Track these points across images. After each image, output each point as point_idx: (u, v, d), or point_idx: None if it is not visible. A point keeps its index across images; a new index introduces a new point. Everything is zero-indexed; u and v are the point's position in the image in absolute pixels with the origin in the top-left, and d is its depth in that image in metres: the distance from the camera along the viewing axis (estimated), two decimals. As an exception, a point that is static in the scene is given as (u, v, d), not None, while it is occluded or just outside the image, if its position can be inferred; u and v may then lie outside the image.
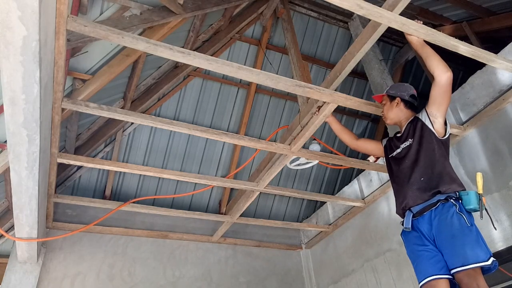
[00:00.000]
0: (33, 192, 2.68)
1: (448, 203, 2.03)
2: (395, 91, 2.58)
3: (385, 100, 2.61)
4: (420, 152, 2.25)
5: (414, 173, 2.22)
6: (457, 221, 1.94)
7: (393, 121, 2.54)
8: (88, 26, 2.11)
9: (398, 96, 2.56)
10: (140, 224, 4.63)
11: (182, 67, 4.47)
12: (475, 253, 1.82)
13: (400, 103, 2.53)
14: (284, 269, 5.18)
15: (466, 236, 1.89)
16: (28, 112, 2.03)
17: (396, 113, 2.52)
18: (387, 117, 2.57)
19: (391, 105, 2.55)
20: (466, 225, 1.92)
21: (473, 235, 1.90)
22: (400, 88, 2.59)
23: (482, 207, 2.00)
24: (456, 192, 2.10)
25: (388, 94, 2.59)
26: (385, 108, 2.59)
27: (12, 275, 3.75)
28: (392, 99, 2.56)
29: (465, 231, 1.90)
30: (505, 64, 2.64)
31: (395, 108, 2.53)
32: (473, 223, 1.97)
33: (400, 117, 2.51)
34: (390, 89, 2.60)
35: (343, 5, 2.08)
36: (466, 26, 4.84)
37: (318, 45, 5.34)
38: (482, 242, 1.90)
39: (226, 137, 3.06)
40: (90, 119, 4.16)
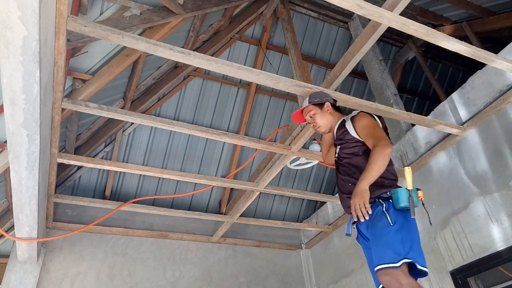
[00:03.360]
0: (33, 192, 2.68)
1: (375, 203, 2.00)
2: (320, 98, 2.48)
3: (311, 111, 2.45)
4: (350, 158, 2.22)
5: (346, 179, 2.20)
6: (379, 221, 1.93)
7: (328, 127, 2.45)
8: (88, 26, 2.11)
9: (325, 101, 2.47)
10: (140, 224, 4.63)
11: (182, 67, 4.48)
12: (386, 253, 1.81)
13: (330, 107, 2.45)
14: (284, 269, 5.18)
15: (384, 236, 1.87)
16: (28, 112, 2.03)
17: (329, 118, 2.43)
18: (321, 125, 2.44)
19: (322, 112, 2.43)
20: (387, 224, 1.89)
21: (390, 236, 1.86)
22: (321, 95, 2.51)
23: (413, 204, 1.92)
24: (387, 192, 2.04)
25: (314, 103, 2.46)
26: (316, 118, 2.43)
27: (12, 275, 3.75)
28: (321, 106, 2.45)
29: (384, 231, 1.89)
30: (505, 64, 2.64)
31: (327, 114, 2.43)
32: (398, 222, 1.90)
33: (332, 122, 2.44)
34: (312, 98, 2.48)
35: (343, 5, 2.08)
36: (466, 26, 4.85)
37: (318, 45, 5.34)
38: (400, 243, 1.83)
39: (226, 137, 3.06)
40: (90, 119, 4.16)
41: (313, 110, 2.45)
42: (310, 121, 2.48)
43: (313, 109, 2.45)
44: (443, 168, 3.46)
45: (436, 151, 3.49)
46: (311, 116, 2.46)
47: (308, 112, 2.47)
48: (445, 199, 3.37)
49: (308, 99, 2.48)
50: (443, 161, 3.48)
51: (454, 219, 3.23)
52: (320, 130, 2.45)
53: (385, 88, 4.39)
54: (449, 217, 3.28)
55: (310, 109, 2.46)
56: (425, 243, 3.46)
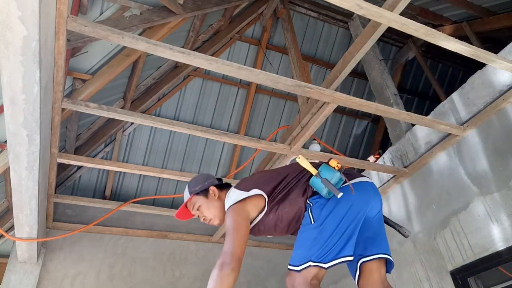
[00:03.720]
0: (33, 192, 2.68)
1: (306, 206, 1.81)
2: (201, 184, 2.01)
3: (196, 203, 1.99)
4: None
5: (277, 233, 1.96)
6: (304, 220, 1.77)
7: (221, 216, 1.97)
8: (88, 26, 2.11)
9: (208, 186, 2.01)
10: (140, 224, 4.63)
11: (182, 67, 4.48)
12: (294, 254, 1.72)
13: (216, 190, 2.00)
14: (284, 269, 5.13)
15: (299, 237, 1.75)
16: (28, 112, 2.03)
17: (217, 206, 1.97)
18: (212, 217, 1.98)
19: (208, 201, 1.97)
20: (307, 223, 1.73)
21: (301, 236, 1.73)
22: (201, 179, 2.05)
23: (330, 184, 1.69)
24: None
25: (196, 193, 1.99)
26: (203, 209, 1.97)
27: (12, 275, 3.75)
28: (205, 193, 1.99)
29: (301, 229, 1.76)
30: (505, 64, 2.64)
31: (215, 201, 1.97)
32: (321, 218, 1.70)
33: (224, 206, 1.93)
34: (192, 187, 2.01)
35: (343, 5, 2.08)
36: (466, 26, 4.85)
37: (318, 45, 5.34)
38: (307, 246, 1.67)
39: (226, 137, 3.06)
40: (90, 119, 4.16)
41: (198, 201, 1.98)
42: (199, 215, 2.00)
43: (197, 200, 1.98)
44: (443, 168, 3.46)
45: (436, 151, 3.49)
46: (198, 209, 1.98)
47: (193, 205, 1.99)
48: (445, 199, 3.37)
49: (188, 189, 2.00)
50: (443, 161, 3.48)
51: (454, 219, 3.23)
52: (214, 222, 1.99)
53: (385, 88, 4.39)
54: (449, 217, 3.28)
55: (194, 201, 1.99)
56: (425, 243, 3.47)
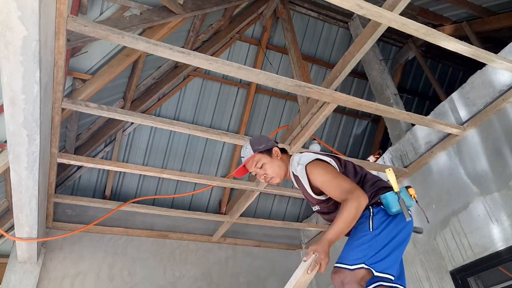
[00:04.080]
0: (33, 192, 2.68)
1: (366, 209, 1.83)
2: (265, 144, 2.09)
3: (259, 161, 2.06)
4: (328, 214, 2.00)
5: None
6: (361, 224, 1.80)
7: (282, 176, 2.08)
8: (88, 26, 2.11)
9: (271, 147, 2.10)
10: (140, 224, 4.63)
11: (182, 67, 4.47)
12: (347, 254, 1.75)
13: (279, 151, 2.10)
14: (284, 269, 5.17)
15: (357, 240, 1.77)
16: (28, 112, 2.03)
17: (281, 166, 2.07)
18: (274, 175, 2.06)
19: (272, 160, 2.06)
20: (366, 229, 1.77)
21: (357, 239, 1.76)
22: (264, 139, 2.14)
23: (405, 206, 1.77)
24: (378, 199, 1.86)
25: (260, 151, 2.06)
26: (267, 168, 2.05)
27: (12, 275, 3.75)
28: (269, 152, 2.08)
29: (359, 235, 1.78)
30: (505, 64, 2.64)
31: (278, 161, 2.07)
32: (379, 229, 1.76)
33: (285, 168, 2.08)
34: (256, 145, 2.08)
35: (343, 5, 2.08)
36: (466, 26, 4.85)
37: (318, 45, 5.34)
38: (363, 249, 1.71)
39: (226, 137, 3.06)
40: (90, 119, 4.16)
41: (262, 159, 2.05)
42: (258, 173, 2.07)
43: (261, 158, 2.06)
44: (443, 168, 3.46)
45: (436, 151, 3.49)
46: (260, 167, 2.06)
47: (256, 163, 2.06)
48: (445, 199, 3.37)
49: (251, 147, 2.07)
50: (443, 161, 3.48)
51: (454, 219, 3.23)
52: (274, 181, 2.07)
53: (385, 88, 4.39)
54: (449, 217, 3.28)
55: (257, 159, 2.06)
56: (425, 243, 3.47)
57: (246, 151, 2.09)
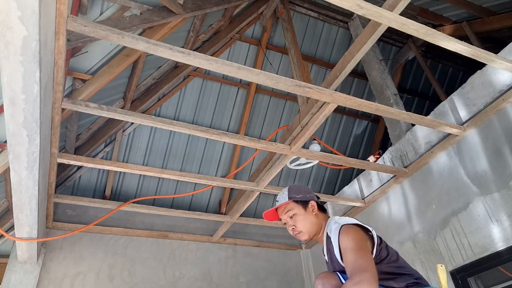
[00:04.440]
0: (33, 192, 2.68)
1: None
2: (303, 194, 1.93)
3: (291, 209, 1.90)
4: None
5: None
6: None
7: (311, 234, 1.89)
8: (88, 26, 2.11)
9: (310, 199, 1.93)
10: (140, 224, 4.63)
11: (182, 67, 4.48)
12: None
13: (316, 207, 1.92)
14: (284, 269, 5.18)
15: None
16: (28, 112, 2.03)
17: (314, 222, 1.88)
18: (304, 230, 1.87)
19: (306, 214, 1.88)
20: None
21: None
22: (304, 189, 1.98)
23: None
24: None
25: (295, 200, 1.90)
26: (298, 220, 1.88)
27: (12, 275, 3.75)
28: (304, 204, 1.91)
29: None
30: (505, 64, 2.64)
31: (312, 216, 1.89)
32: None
33: (317, 227, 1.89)
34: (293, 193, 1.93)
35: (343, 5, 2.08)
36: (466, 26, 4.85)
37: (318, 45, 5.34)
38: None
39: (226, 137, 3.06)
40: (90, 119, 4.16)
41: (295, 209, 1.90)
42: (288, 223, 1.91)
43: (294, 207, 1.90)
44: (443, 168, 3.46)
45: (436, 151, 3.49)
46: (291, 217, 1.90)
47: (288, 211, 1.91)
48: (445, 199, 3.37)
49: (288, 194, 1.93)
50: (443, 161, 3.48)
51: (454, 219, 3.23)
52: (302, 237, 1.89)
53: (385, 88, 4.39)
54: (449, 217, 3.28)
55: (290, 207, 1.91)
56: (425, 243, 3.47)
57: (281, 196, 1.96)
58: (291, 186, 1.99)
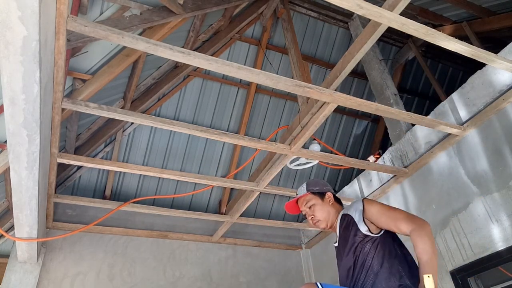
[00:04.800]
0: (33, 192, 2.68)
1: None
2: (320, 187, 2.16)
3: (310, 201, 2.12)
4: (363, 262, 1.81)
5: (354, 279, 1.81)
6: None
7: (329, 222, 2.08)
8: (88, 26, 2.11)
9: (326, 191, 2.15)
10: (140, 224, 4.63)
11: (182, 67, 4.48)
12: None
13: (332, 198, 2.14)
14: (284, 269, 5.18)
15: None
16: (28, 112, 2.03)
17: (330, 212, 2.09)
18: (322, 219, 2.08)
19: (323, 204, 2.10)
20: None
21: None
22: (321, 182, 2.20)
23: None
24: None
25: (314, 192, 2.14)
26: (316, 210, 2.09)
27: (12, 275, 3.75)
28: (321, 195, 2.13)
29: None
30: (505, 64, 2.64)
31: (329, 206, 2.10)
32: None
33: (333, 216, 2.09)
34: (311, 186, 2.16)
35: (343, 5, 2.08)
36: (466, 26, 4.85)
37: (318, 45, 5.34)
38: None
39: (226, 137, 3.06)
40: (90, 119, 4.16)
41: (313, 200, 2.12)
42: (307, 213, 2.13)
43: (312, 198, 2.13)
44: (443, 168, 3.46)
45: (436, 151, 3.49)
46: (309, 207, 2.12)
47: (306, 202, 2.13)
48: (445, 199, 3.37)
49: (306, 187, 2.17)
50: (443, 161, 3.48)
51: (454, 219, 3.23)
52: (320, 225, 2.09)
53: (385, 88, 4.39)
54: (449, 217, 3.28)
55: (308, 198, 2.13)
56: (425, 243, 3.47)
57: (301, 189, 2.19)
58: (309, 181, 2.22)
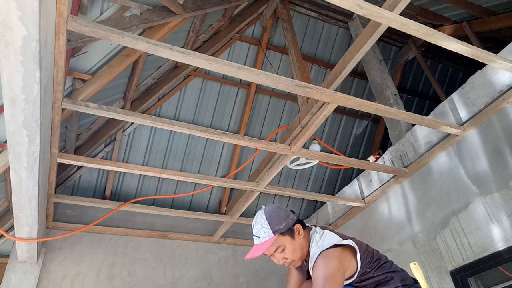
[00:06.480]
0: (33, 192, 2.68)
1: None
2: (286, 221, 1.72)
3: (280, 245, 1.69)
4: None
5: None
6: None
7: (304, 257, 1.74)
8: (88, 26, 2.11)
9: (293, 223, 1.74)
10: (140, 224, 4.63)
11: (182, 67, 4.48)
12: None
13: (301, 229, 1.75)
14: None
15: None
16: (28, 112, 2.03)
17: (303, 246, 1.73)
18: (295, 259, 1.72)
19: (294, 241, 1.70)
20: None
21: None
22: (283, 214, 1.75)
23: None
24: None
25: (281, 232, 1.68)
26: (288, 252, 1.70)
27: (12, 275, 3.75)
28: (290, 232, 1.71)
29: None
30: (505, 64, 2.64)
31: (300, 240, 1.72)
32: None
33: (306, 246, 1.75)
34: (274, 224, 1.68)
35: (343, 5, 2.08)
36: (466, 26, 4.85)
37: (318, 45, 5.34)
38: None
39: (226, 137, 3.06)
40: (90, 119, 4.16)
41: (283, 242, 1.69)
42: (277, 258, 1.73)
43: (282, 241, 1.68)
44: (443, 168, 3.46)
45: (436, 151, 3.49)
46: (280, 252, 1.71)
47: (277, 248, 1.69)
48: (445, 199, 3.37)
49: (270, 227, 1.67)
50: (443, 161, 3.48)
51: (454, 219, 3.23)
52: (296, 265, 1.75)
53: (385, 88, 4.39)
54: (449, 217, 3.28)
55: (278, 242, 1.68)
56: (425, 243, 3.47)
57: (262, 231, 1.68)
58: (268, 215, 1.71)
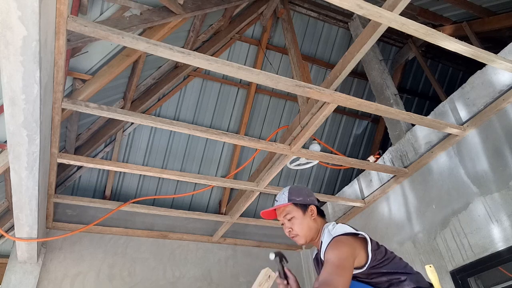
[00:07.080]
0: (33, 192, 2.68)
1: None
2: (303, 197, 1.86)
3: (290, 213, 1.83)
4: None
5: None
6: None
7: (308, 239, 1.82)
8: (88, 26, 2.11)
9: (310, 203, 1.85)
10: (140, 224, 4.63)
11: (182, 67, 4.48)
12: None
13: (315, 211, 1.84)
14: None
15: None
16: (28, 112, 2.03)
17: (311, 227, 1.81)
18: (300, 234, 1.81)
19: (304, 218, 1.81)
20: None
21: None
22: (305, 192, 1.89)
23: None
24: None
25: (295, 202, 1.83)
26: (295, 223, 1.81)
27: (12, 275, 3.75)
28: (304, 208, 1.83)
29: None
30: (505, 64, 2.64)
31: (310, 221, 1.82)
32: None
33: (314, 232, 1.82)
34: (294, 195, 1.85)
35: (343, 5, 2.08)
36: (466, 26, 4.85)
37: (318, 45, 5.34)
38: None
39: (226, 137, 3.06)
40: (90, 119, 4.16)
41: (293, 212, 1.83)
42: (285, 225, 1.85)
43: (292, 210, 1.83)
44: (443, 168, 3.46)
45: (436, 151, 3.49)
46: (289, 219, 1.84)
47: (286, 213, 1.84)
48: (445, 199, 3.37)
49: (288, 196, 1.85)
50: (443, 161, 3.48)
51: (454, 219, 3.23)
52: (298, 240, 1.82)
53: (385, 88, 4.39)
54: (449, 217, 3.28)
55: (288, 210, 1.84)
56: (425, 243, 3.47)
57: (281, 196, 1.87)
58: (292, 187, 1.90)
